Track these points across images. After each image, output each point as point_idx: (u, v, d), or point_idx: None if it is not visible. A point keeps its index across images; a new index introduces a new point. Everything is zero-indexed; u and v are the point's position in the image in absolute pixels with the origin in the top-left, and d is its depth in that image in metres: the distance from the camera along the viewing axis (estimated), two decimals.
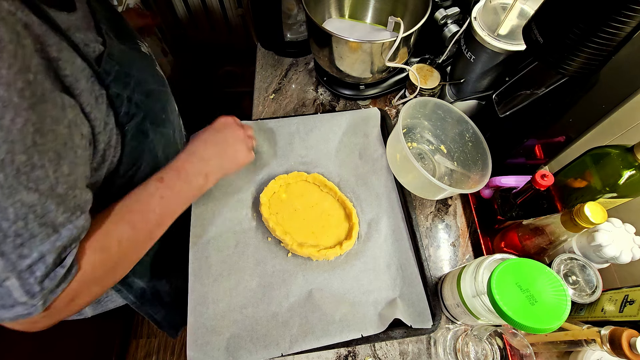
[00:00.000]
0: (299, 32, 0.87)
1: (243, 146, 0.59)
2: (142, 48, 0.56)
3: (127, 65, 0.47)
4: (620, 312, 0.50)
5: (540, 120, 0.56)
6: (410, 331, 0.56)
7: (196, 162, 0.54)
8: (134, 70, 0.48)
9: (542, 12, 0.46)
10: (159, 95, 0.55)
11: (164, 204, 0.49)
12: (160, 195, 0.49)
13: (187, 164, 0.53)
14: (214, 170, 0.55)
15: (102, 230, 0.43)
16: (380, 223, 0.65)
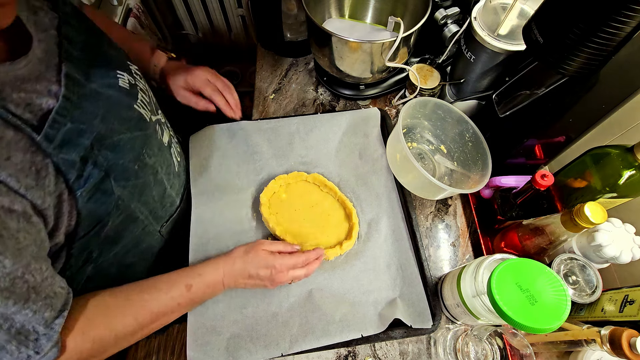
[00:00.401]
0: (299, 32, 0.87)
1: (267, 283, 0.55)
2: (122, 81, 0.47)
3: (87, 118, 0.40)
4: (620, 312, 0.50)
5: (540, 120, 0.56)
6: (410, 331, 0.56)
7: (227, 282, 0.53)
8: (96, 122, 0.41)
9: (542, 12, 0.46)
10: (131, 143, 0.46)
11: (176, 310, 0.50)
12: (179, 302, 0.49)
13: (219, 284, 0.53)
14: (231, 286, 0.54)
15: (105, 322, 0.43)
16: (380, 223, 0.65)
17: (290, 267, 0.55)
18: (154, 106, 0.56)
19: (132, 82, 0.50)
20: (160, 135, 0.56)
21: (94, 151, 0.41)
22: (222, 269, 0.53)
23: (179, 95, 0.65)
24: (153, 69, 0.65)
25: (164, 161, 0.56)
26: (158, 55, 0.66)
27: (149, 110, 0.53)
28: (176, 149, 0.64)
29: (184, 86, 0.64)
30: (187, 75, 0.63)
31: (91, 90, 0.42)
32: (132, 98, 0.48)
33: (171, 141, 0.61)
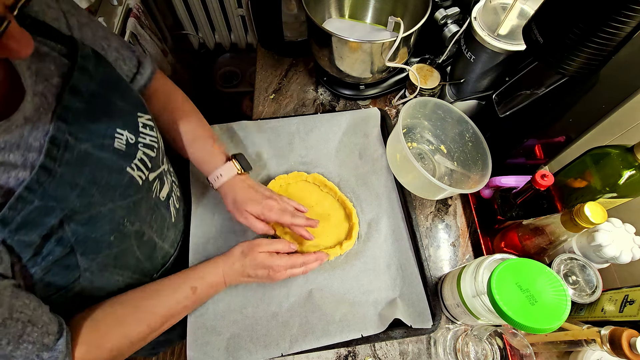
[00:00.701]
0: (299, 32, 0.87)
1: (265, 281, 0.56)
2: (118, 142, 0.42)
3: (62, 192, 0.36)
4: (620, 312, 0.50)
5: (540, 120, 0.56)
6: (410, 331, 0.56)
7: (228, 281, 0.55)
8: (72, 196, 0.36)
9: (542, 12, 0.46)
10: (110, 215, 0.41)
11: (184, 312, 0.52)
12: (185, 304, 0.51)
13: (221, 284, 0.55)
14: (232, 284, 0.56)
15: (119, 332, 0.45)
16: (380, 223, 0.65)
17: (288, 267, 0.56)
18: (160, 159, 0.52)
19: (132, 141, 0.45)
20: (158, 192, 0.52)
21: (60, 228, 0.36)
22: (221, 269, 0.55)
23: (243, 219, 0.58)
24: (216, 177, 0.59)
25: (156, 219, 0.52)
26: (228, 166, 0.59)
27: (149, 167, 0.48)
28: (176, 194, 0.60)
29: (256, 216, 0.58)
30: (264, 210, 0.57)
31: (80, 153, 0.38)
32: (127, 160, 0.44)
33: (171, 192, 0.57)
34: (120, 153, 0.43)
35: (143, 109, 0.49)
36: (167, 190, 0.55)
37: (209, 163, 0.60)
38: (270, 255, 0.55)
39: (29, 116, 0.35)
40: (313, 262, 0.58)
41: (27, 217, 0.33)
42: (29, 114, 0.35)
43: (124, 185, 0.43)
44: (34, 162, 0.34)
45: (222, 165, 0.59)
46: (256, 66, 0.93)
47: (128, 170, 0.44)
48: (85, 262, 0.41)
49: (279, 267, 0.55)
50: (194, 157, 0.61)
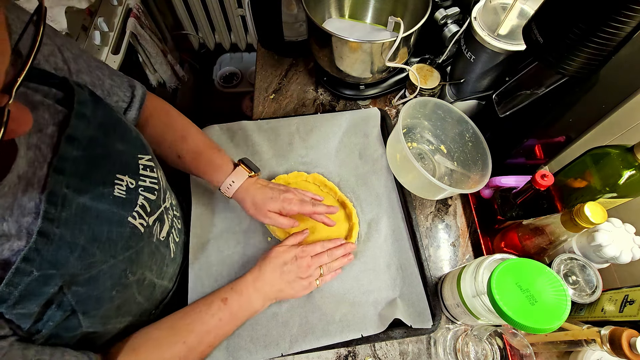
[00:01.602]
0: (299, 32, 0.87)
1: (307, 284, 0.57)
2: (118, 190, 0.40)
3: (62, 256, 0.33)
4: (620, 312, 0.50)
5: (540, 120, 0.56)
6: (410, 331, 0.56)
7: (260, 287, 0.54)
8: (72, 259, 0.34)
9: (542, 12, 0.46)
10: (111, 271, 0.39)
11: (220, 327, 0.51)
12: (219, 317, 0.51)
13: (251, 287, 0.54)
14: (272, 298, 0.56)
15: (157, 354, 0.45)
16: (380, 223, 0.65)
17: (311, 253, 0.57)
18: (161, 198, 0.50)
19: (132, 186, 0.43)
20: (158, 234, 0.50)
21: (61, 293, 0.34)
22: (249, 276, 0.55)
23: (267, 219, 0.58)
24: (229, 185, 0.58)
25: (156, 261, 0.50)
26: (239, 172, 0.59)
27: (149, 211, 0.46)
28: (177, 227, 0.58)
29: (277, 212, 0.58)
30: (283, 204, 0.58)
31: (78, 208, 0.35)
32: (128, 209, 0.42)
33: (171, 229, 0.55)
34: (119, 202, 0.40)
35: (143, 150, 0.47)
36: (167, 228, 0.53)
37: (218, 173, 0.59)
38: (289, 248, 0.57)
39: (22, 174, 0.32)
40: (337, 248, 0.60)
41: (24, 291, 0.31)
42: (23, 171, 0.32)
43: (125, 237, 0.41)
44: (29, 228, 0.32)
45: (232, 172, 0.58)
46: (256, 66, 0.93)
47: (129, 220, 0.41)
48: (87, 321, 0.39)
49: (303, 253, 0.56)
50: (202, 170, 0.59)
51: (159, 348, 0.46)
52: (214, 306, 0.51)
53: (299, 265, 0.56)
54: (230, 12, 1.61)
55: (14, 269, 0.30)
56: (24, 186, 0.32)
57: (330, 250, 0.59)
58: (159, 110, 0.59)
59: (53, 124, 0.36)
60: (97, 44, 1.14)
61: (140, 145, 0.47)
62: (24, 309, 0.32)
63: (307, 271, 0.56)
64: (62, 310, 0.35)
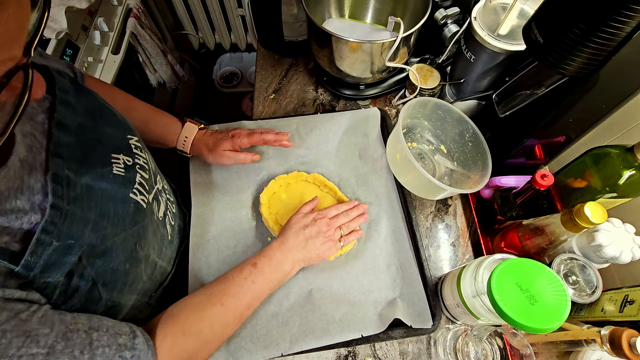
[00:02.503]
0: (299, 32, 0.87)
1: (331, 244, 0.59)
2: (116, 168, 0.43)
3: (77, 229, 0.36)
4: (620, 312, 0.50)
5: (540, 120, 0.56)
6: (410, 331, 0.56)
7: (286, 251, 0.56)
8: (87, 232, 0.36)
9: (542, 12, 0.46)
10: (123, 244, 0.41)
11: (255, 288, 0.52)
12: (252, 279, 0.52)
13: (278, 252, 0.55)
14: (300, 260, 0.57)
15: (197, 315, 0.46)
16: (380, 223, 0.65)
17: (329, 215, 0.60)
18: (153, 178, 0.52)
19: (130, 163, 0.46)
20: (157, 213, 0.52)
21: (81, 263, 0.36)
22: (274, 243, 0.56)
23: (225, 159, 0.64)
24: (183, 142, 0.63)
25: (158, 240, 0.52)
26: (189, 127, 0.64)
27: (147, 189, 0.48)
28: (171, 211, 0.60)
29: (230, 149, 0.64)
30: (233, 140, 0.63)
31: (82, 188, 0.37)
32: (128, 185, 0.44)
33: (167, 210, 0.57)
34: (120, 179, 0.43)
35: (131, 132, 0.49)
36: (163, 209, 0.56)
37: (170, 133, 0.64)
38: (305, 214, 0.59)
39: (23, 158, 0.34)
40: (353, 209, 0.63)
41: (48, 260, 0.33)
42: (23, 155, 0.34)
43: (131, 212, 0.43)
44: (41, 205, 0.34)
45: (183, 129, 0.64)
46: (256, 66, 0.93)
47: (131, 197, 0.44)
48: (106, 294, 0.41)
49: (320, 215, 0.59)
50: (154, 135, 0.63)
51: (199, 311, 0.47)
52: (245, 271, 0.52)
53: (319, 226, 0.58)
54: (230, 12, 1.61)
55: (35, 240, 0.32)
56: (28, 169, 0.34)
57: (346, 212, 0.62)
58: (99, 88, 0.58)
59: (42, 111, 0.38)
60: (97, 44, 1.14)
61: (127, 127, 0.49)
62: (49, 277, 0.34)
63: (328, 232, 0.58)
64: (84, 281, 0.37)
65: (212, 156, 0.64)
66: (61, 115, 0.38)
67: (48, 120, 0.38)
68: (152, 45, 1.36)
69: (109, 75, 1.14)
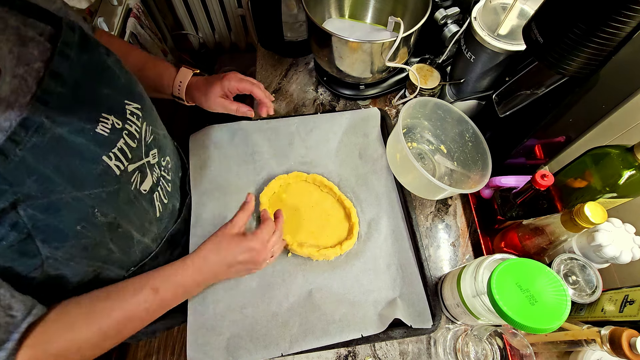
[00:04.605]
0: (299, 32, 0.87)
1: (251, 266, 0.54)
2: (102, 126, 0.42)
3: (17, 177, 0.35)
4: (620, 312, 0.50)
5: (540, 120, 0.56)
6: (410, 331, 0.56)
7: (201, 282, 0.51)
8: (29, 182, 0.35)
9: (542, 12, 0.46)
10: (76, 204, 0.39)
11: (147, 315, 0.47)
12: (147, 307, 0.46)
13: (189, 280, 0.50)
14: (209, 281, 0.53)
15: (69, 336, 0.41)
16: (380, 223, 0.65)
17: (266, 240, 0.54)
18: (142, 151, 0.50)
19: (119, 126, 0.44)
20: (138, 184, 0.49)
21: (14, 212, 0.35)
22: (191, 267, 0.50)
23: (217, 105, 0.63)
24: (178, 87, 0.63)
25: (137, 213, 0.49)
26: (183, 72, 0.64)
27: (129, 157, 0.46)
28: (165, 189, 0.57)
29: (221, 94, 0.63)
30: (222, 82, 0.62)
31: (52, 138, 0.37)
32: (105, 148, 0.42)
33: (156, 186, 0.54)
34: (100, 139, 0.42)
35: (131, 97, 0.48)
36: (150, 183, 0.52)
37: (165, 78, 0.63)
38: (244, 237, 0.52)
39: (4, 97, 0.34)
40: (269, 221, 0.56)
41: None
42: (5, 94, 0.35)
43: (96, 174, 0.41)
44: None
45: (177, 74, 0.63)
46: (256, 66, 0.93)
47: (104, 159, 0.42)
48: (47, 250, 0.39)
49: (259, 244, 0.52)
50: (149, 81, 0.62)
51: (71, 331, 0.42)
52: (141, 295, 0.46)
53: (254, 260, 0.52)
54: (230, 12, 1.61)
55: None
56: (3, 107, 0.34)
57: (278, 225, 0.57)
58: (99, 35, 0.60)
59: (41, 60, 0.38)
60: None
61: (128, 92, 0.48)
62: None
63: (260, 262, 0.54)
64: (16, 231, 0.36)
65: (206, 101, 0.63)
66: (56, 64, 0.38)
67: (44, 70, 0.38)
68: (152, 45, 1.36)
69: None
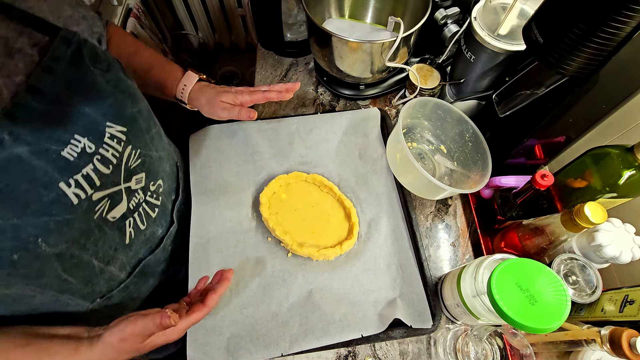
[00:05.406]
0: (299, 32, 0.87)
1: None
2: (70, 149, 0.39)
3: None
4: (620, 312, 0.50)
5: (540, 120, 0.56)
6: (410, 331, 0.56)
7: None
8: None
9: (542, 12, 0.46)
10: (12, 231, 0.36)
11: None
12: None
13: None
14: None
15: None
16: (380, 223, 0.65)
17: None
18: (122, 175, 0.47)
19: (90, 151, 0.41)
20: (105, 212, 0.45)
21: None
22: None
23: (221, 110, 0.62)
24: (182, 90, 0.62)
25: (97, 241, 0.45)
26: (189, 76, 0.63)
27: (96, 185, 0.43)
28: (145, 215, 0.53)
29: (231, 102, 0.62)
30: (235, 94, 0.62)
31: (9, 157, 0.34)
32: (66, 173, 0.39)
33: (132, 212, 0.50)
34: (62, 164, 0.38)
35: (117, 119, 0.45)
36: (123, 210, 0.48)
37: (169, 80, 0.63)
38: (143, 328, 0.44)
39: None
40: None
41: None
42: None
43: (46, 201, 0.37)
44: None
45: (183, 77, 0.62)
46: (256, 66, 0.93)
47: (60, 186, 0.38)
48: None
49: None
50: (155, 81, 0.62)
51: None
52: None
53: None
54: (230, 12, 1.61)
55: None
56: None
57: None
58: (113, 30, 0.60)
59: (24, 73, 0.36)
60: None
61: (115, 113, 0.45)
62: None
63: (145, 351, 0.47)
64: None
65: (209, 107, 0.62)
66: (36, 79, 0.37)
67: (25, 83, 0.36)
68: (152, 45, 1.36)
69: None
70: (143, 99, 0.52)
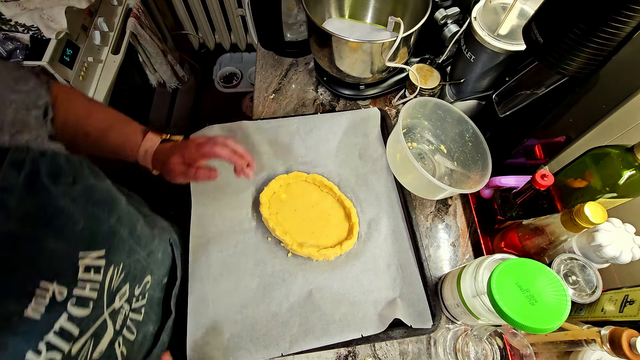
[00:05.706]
0: (299, 32, 0.87)
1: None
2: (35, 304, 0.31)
3: None
4: (620, 312, 0.50)
5: (540, 120, 0.56)
6: (410, 331, 0.56)
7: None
8: None
9: (542, 12, 0.46)
10: None
11: None
12: None
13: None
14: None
15: None
16: (380, 223, 0.65)
17: None
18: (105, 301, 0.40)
19: (59, 299, 0.33)
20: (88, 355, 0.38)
21: None
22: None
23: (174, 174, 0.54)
24: (143, 155, 0.54)
25: None
26: (149, 139, 0.54)
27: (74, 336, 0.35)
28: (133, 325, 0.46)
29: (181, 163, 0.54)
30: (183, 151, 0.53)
31: None
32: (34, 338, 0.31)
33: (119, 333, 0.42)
34: (26, 327, 0.30)
35: (92, 244, 0.37)
36: (110, 337, 0.41)
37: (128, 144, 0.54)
38: None
39: None
40: None
41: None
42: None
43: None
44: None
45: (143, 141, 0.54)
46: (256, 66, 0.93)
47: (28, 357, 0.30)
48: None
49: None
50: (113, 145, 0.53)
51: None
52: None
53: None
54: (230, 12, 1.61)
55: None
56: None
57: None
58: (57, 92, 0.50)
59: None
60: (97, 44, 1.14)
61: (88, 238, 0.37)
62: None
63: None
64: None
65: (164, 171, 0.55)
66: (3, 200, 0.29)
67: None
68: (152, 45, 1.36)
69: (109, 75, 1.14)
70: (121, 196, 0.45)
